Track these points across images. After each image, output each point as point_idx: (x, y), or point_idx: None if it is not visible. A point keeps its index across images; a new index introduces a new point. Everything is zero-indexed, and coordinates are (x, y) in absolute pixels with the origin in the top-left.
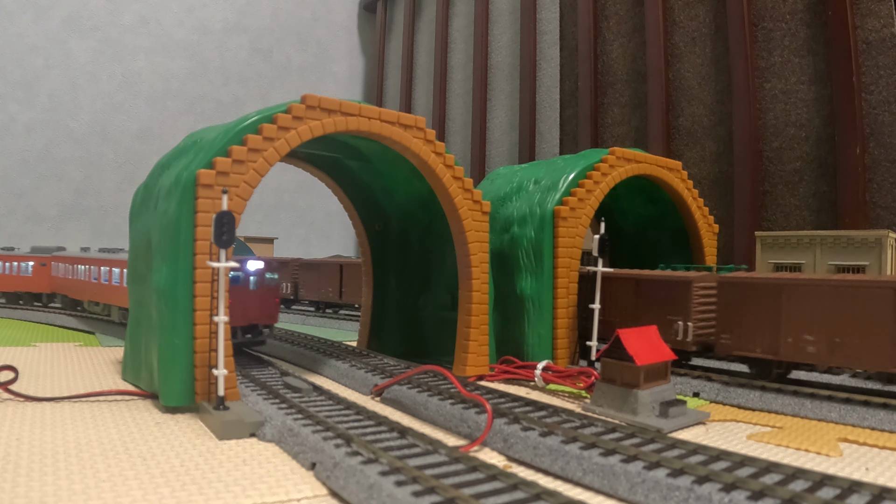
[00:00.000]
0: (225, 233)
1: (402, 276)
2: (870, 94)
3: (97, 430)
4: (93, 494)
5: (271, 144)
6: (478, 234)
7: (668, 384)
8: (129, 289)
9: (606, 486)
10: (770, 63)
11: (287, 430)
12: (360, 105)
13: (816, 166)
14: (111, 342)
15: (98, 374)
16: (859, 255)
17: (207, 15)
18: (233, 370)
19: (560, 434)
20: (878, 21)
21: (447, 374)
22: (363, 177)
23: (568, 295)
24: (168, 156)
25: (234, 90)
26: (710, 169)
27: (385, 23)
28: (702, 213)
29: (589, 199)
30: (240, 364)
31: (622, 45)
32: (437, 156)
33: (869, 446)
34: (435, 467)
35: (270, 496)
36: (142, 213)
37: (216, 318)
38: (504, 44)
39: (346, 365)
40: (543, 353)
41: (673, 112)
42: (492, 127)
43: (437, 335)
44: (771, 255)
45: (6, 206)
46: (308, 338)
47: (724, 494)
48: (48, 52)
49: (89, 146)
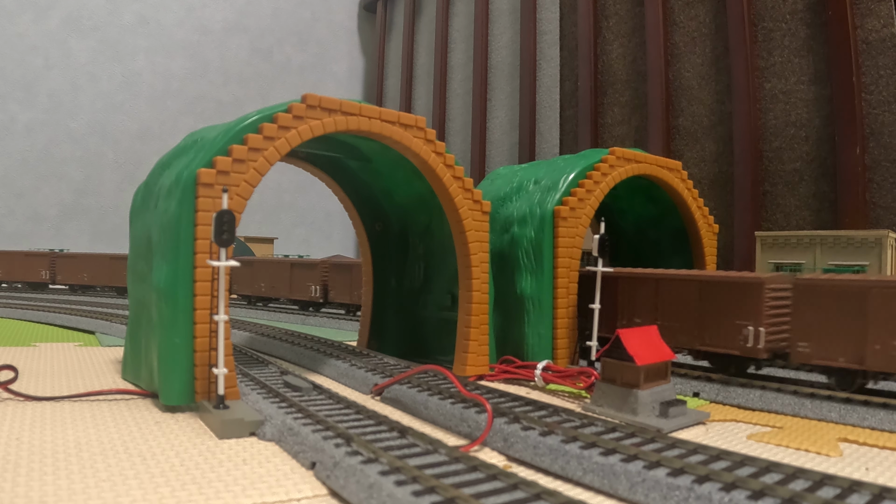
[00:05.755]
0: (225, 231)
1: (402, 276)
2: (870, 94)
3: (97, 430)
4: (93, 494)
5: (272, 143)
6: (478, 234)
7: (668, 384)
8: (129, 288)
9: (606, 486)
10: (770, 63)
11: (287, 429)
12: (360, 105)
13: (816, 166)
14: (111, 342)
15: (98, 374)
16: (859, 255)
17: (207, 15)
18: (233, 369)
19: (560, 433)
20: (878, 21)
21: (447, 374)
22: (363, 177)
23: (568, 295)
24: (168, 155)
25: (234, 90)
26: (710, 169)
27: (385, 23)
28: (702, 214)
29: (589, 199)
30: (240, 363)
31: (622, 45)
32: (437, 155)
33: (869, 446)
34: (435, 467)
35: (270, 496)
36: (142, 213)
37: (216, 317)
38: (504, 44)
39: (346, 364)
40: (543, 352)
41: (673, 112)
42: (492, 127)
43: (437, 335)
44: (771, 255)
45: (6, 206)
46: (308, 337)
47: (724, 494)
48: (48, 52)
49: (89, 146)
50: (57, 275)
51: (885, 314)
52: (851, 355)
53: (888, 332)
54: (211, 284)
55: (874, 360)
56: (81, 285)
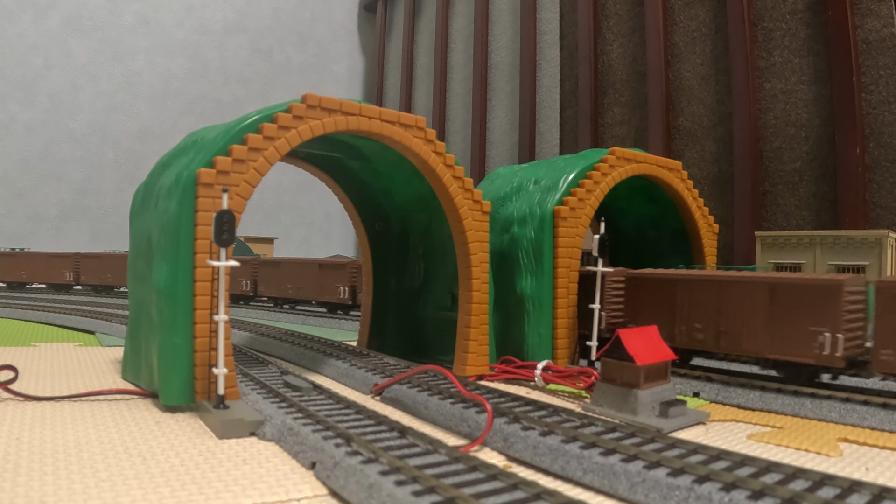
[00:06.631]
0: (225, 231)
1: (402, 276)
2: (870, 94)
3: (97, 430)
4: (93, 494)
5: (272, 143)
6: (478, 234)
7: (668, 384)
8: (129, 288)
9: (606, 486)
10: (770, 63)
11: (287, 429)
12: (360, 105)
13: (816, 166)
14: (111, 342)
15: (98, 374)
16: (859, 255)
17: (207, 15)
18: (233, 369)
19: (560, 433)
20: (878, 21)
21: (447, 374)
22: (363, 177)
23: (568, 295)
24: (168, 155)
25: (234, 90)
26: (710, 169)
27: (385, 23)
28: (702, 213)
29: (589, 199)
30: (240, 363)
31: (622, 45)
32: (437, 155)
33: (869, 446)
34: (435, 467)
35: (270, 496)
36: (142, 213)
37: (216, 317)
38: (504, 44)
39: (347, 364)
40: (543, 352)
41: (673, 112)
42: (492, 127)
43: (437, 335)
44: (771, 255)
45: (6, 206)
46: (308, 337)
47: (724, 494)
48: (48, 52)
49: (89, 146)
50: (81, 276)
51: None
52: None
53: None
54: (211, 284)
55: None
56: (105, 286)
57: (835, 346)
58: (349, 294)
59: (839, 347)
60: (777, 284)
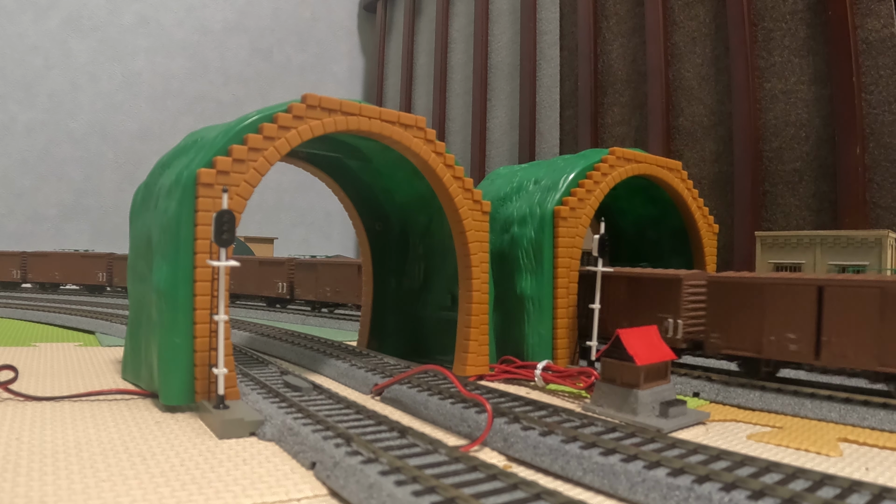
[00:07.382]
0: (225, 231)
1: (402, 276)
2: (870, 94)
3: (97, 430)
4: (93, 494)
5: (272, 143)
6: (478, 234)
7: (668, 384)
8: (129, 288)
9: (606, 486)
10: (770, 63)
11: (287, 429)
12: (360, 105)
13: (816, 166)
14: (111, 342)
15: (98, 374)
16: (859, 255)
17: (207, 15)
18: (233, 369)
19: (560, 433)
20: (878, 21)
21: (447, 374)
22: (363, 177)
23: (568, 295)
24: (168, 155)
25: (234, 90)
26: (710, 169)
27: (385, 23)
28: (702, 213)
29: (589, 199)
30: (240, 363)
31: (622, 45)
32: (437, 155)
33: (869, 446)
34: (435, 467)
35: (270, 496)
36: (142, 213)
37: (216, 317)
38: (504, 44)
39: (347, 364)
40: (543, 352)
41: (673, 112)
42: (492, 127)
43: (437, 335)
44: (771, 255)
45: (6, 206)
46: (308, 337)
47: (724, 494)
48: (48, 52)
49: (89, 146)
50: (114, 277)
51: None
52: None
53: None
54: (211, 284)
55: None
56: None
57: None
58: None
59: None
60: (892, 289)
